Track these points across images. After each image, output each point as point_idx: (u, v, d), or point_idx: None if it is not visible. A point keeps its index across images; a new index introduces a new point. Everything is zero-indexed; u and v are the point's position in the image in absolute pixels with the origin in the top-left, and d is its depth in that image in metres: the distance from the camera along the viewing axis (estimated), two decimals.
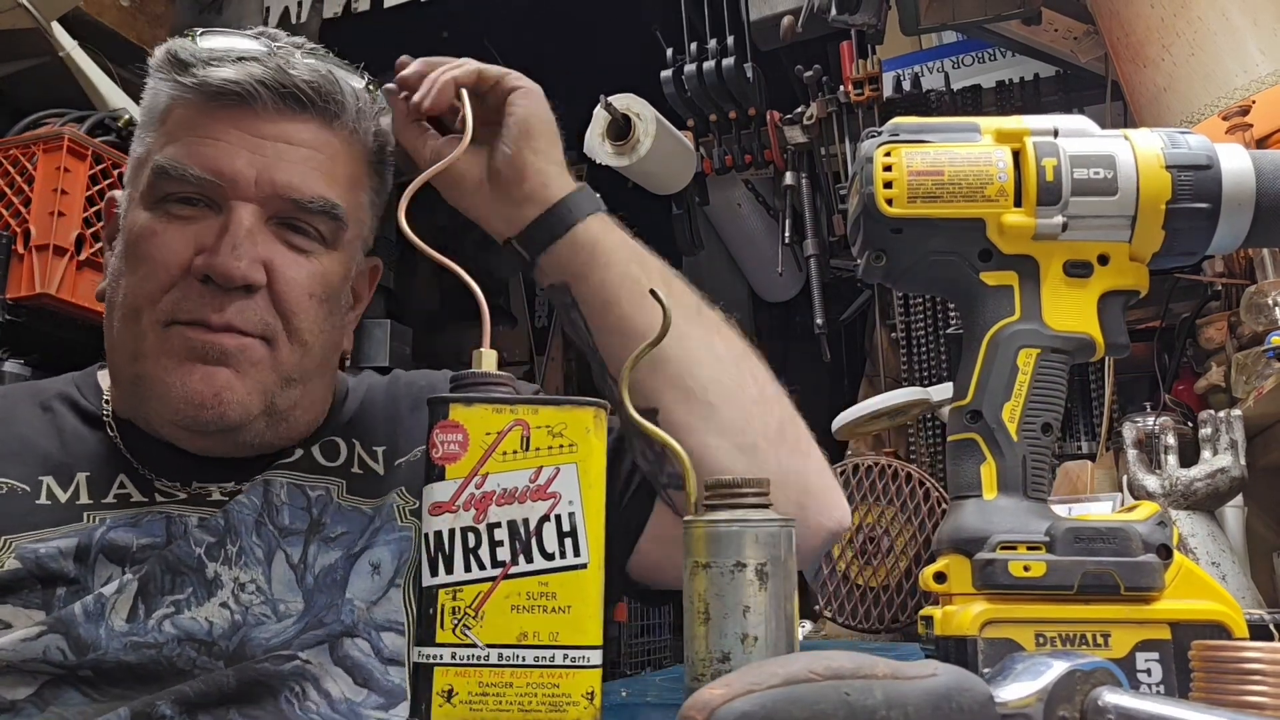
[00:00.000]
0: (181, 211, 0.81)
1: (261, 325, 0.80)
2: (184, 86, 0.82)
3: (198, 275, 0.79)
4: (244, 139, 0.81)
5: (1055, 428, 0.55)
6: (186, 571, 0.76)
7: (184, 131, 0.82)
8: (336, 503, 0.85)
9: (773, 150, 2.44)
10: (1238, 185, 0.55)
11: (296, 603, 0.78)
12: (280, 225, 0.82)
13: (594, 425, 0.46)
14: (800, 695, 0.34)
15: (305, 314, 0.83)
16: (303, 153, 0.82)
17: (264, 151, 0.81)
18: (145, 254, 0.80)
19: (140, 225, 0.81)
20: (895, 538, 1.96)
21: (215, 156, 0.80)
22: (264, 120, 0.81)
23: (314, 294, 0.83)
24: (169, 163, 0.80)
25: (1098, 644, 0.51)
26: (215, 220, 0.80)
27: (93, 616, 0.73)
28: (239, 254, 0.78)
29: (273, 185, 0.80)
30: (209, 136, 0.81)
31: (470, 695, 0.44)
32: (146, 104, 0.86)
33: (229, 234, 0.79)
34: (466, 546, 0.45)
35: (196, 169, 0.79)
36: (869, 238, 0.56)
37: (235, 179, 0.80)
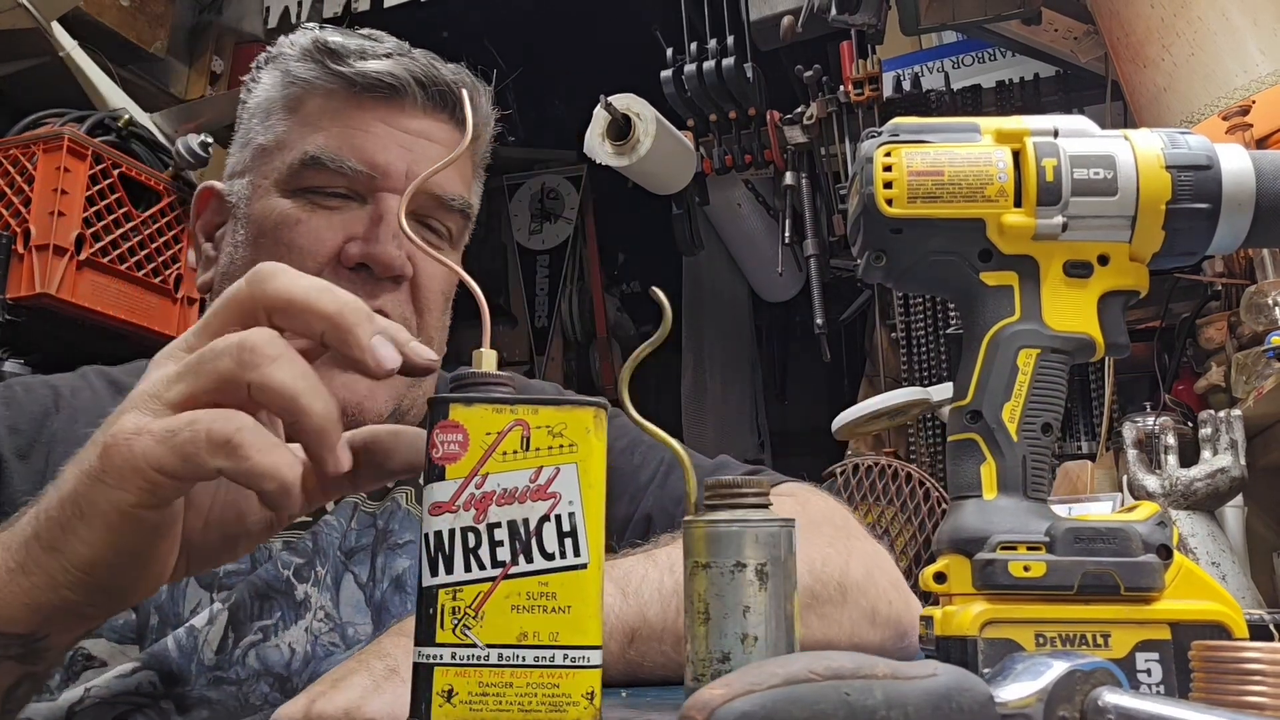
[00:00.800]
0: (328, 202, 0.80)
1: (402, 319, 0.80)
2: (333, 75, 0.81)
3: (349, 263, 0.78)
4: (392, 133, 0.81)
5: (1055, 428, 0.55)
6: (275, 595, 0.75)
7: (330, 122, 0.81)
8: (405, 509, 0.83)
9: (773, 150, 2.44)
10: (1238, 185, 0.55)
11: (365, 625, 0.77)
12: (418, 222, 0.83)
13: (594, 425, 0.46)
14: (800, 695, 0.34)
15: (435, 311, 0.83)
16: (443, 150, 0.83)
17: (411, 147, 0.81)
18: (288, 241, 0.79)
19: (280, 212, 0.80)
20: (895, 538, 1.96)
21: (370, 149, 0.80)
22: (409, 116, 0.82)
23: (444, 292, 0.84)
24: (324, 154, 0.79)
25: (1098, 644, 0.51)
26: (361, 211, 0.80)
27: (186, 651, 0.71)
28: (399, 242, 0.78)
29: None
30: (359, 128, 0.81)
31: (470, 695, 0.44)
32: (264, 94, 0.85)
33: (385, 223, 0.78)
34: (466, 546, 0.45)
35: (354, 161, 0.79)
36: (869, 238, 0.56)
37: (388, 171, 0.80)
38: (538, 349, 3.70)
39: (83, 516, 0.47)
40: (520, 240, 3.77)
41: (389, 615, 0.77)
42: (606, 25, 2.97)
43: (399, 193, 0.79)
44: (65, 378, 0.87)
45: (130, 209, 2.06)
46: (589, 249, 3.75)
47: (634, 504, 0.88)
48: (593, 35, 3.05)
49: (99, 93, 2.22)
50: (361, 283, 0.78)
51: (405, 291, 0.81)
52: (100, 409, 0.83)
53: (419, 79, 0.81)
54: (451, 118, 0.84)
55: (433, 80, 0.82)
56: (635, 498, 0.89)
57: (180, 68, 2.62)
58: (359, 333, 0.47)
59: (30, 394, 0.83)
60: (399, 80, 0.81)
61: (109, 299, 2.00)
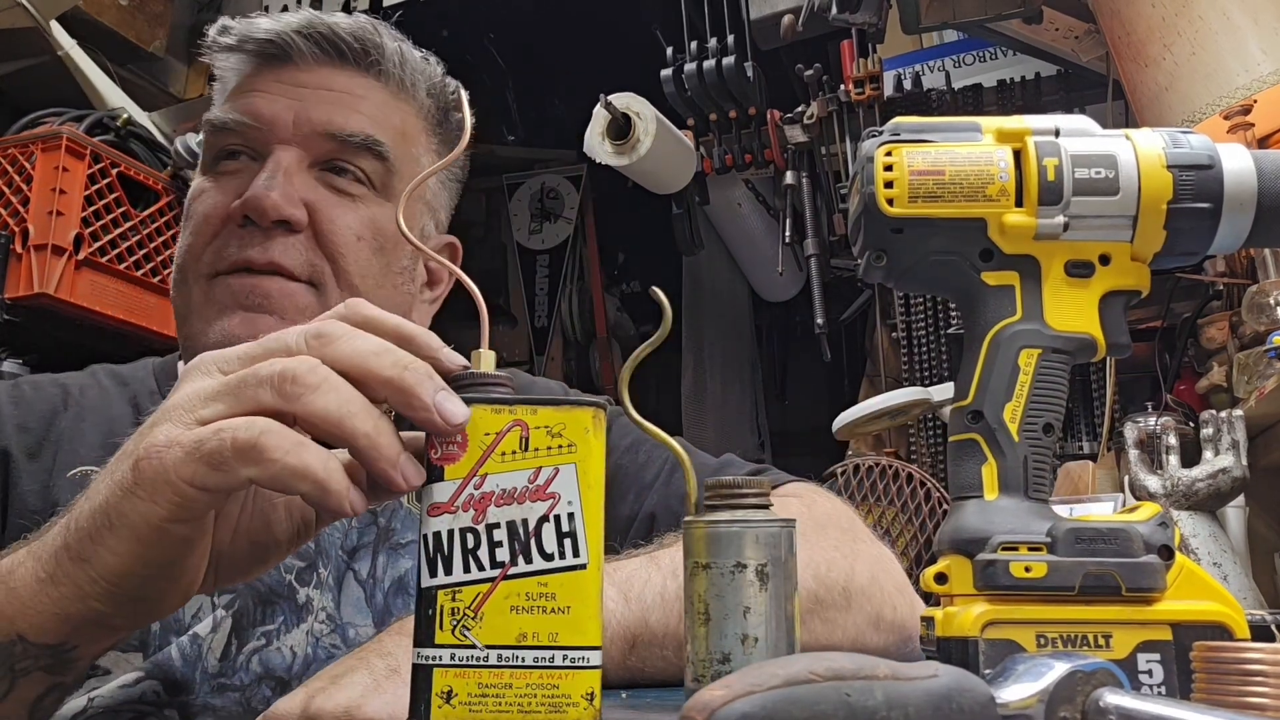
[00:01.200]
0: (228, 167, 0.81)
1: (308, 267, 0.78)
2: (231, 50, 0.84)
3: (236, 218, 0.78)
4: (284, 89, 0.82)
5: (1057, 428, 0.54)
6: (278, 599, 0.74)
7: (235, 92, 0.84)
8: (406, 509, 0.82)
9: (773, 149, 2.44)
10: (1239, 185, 0.54)
11: (367, 626, 0.76)
12: (324, 170, 0.81)
13: (593, 425, 0.46)
14: (801, 696, 0.34)
15: (354, 256, 0.80)
16: (344, 96, 0.82)
17: (302, 97, 0.81)
18: (193, 213, 0.81)
19: (196, 190, 0.82)
20: (896, 538, 1.96)
21: (255, 104, 0.81)
22: (304, 70, 0.82)
23: (363, 237, 0.81)
24: (214, 116, 0.82)
25: (1099, 645, 0.51)
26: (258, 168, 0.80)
27: (190, 660, 0.71)
28: (270, 185, 0.77)
29: (310, 124, 0.80)
30: (252, 90, 0.82)
31: (469, 696, 0.44)
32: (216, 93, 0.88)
33: (265, 170, 0.79)
34: (465, 547, 0.44)
35: (238, 115, 0.80)
36: (869, 237, 0.56)
37: (274, 120, 0.80)
38: (538, 349, 3.70)
39: (112, 528, 0.47)
40: (520, 240, 3.77)
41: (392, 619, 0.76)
42: (606, 24, 2.97)
43: (288, 143, 0.80)
44: (74, 376, 0.87)
45: (129, 208, 2.06)
46: (589, 249, 3.74)
47: (638, 502, 0.88)
48: (592, 34, 3.04)
49: (98, 92, 2.21)
50: (250, 236, 0.77)
51: (307, 239, 0.79)
52: (108, 408, 0.83)
53: (300, 33, 0.82)
54: (358, 67, 0.84)
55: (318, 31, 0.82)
56: (640, 496, 0.88)
57: (179, 67, 2.61)
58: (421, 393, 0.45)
59: (39, 392, 0.83)
60: (280, 37, 0.82)
61: (108, 299, 2.00)
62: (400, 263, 0.84)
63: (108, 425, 0.81)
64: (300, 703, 0.53)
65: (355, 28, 0.84)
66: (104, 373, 0.88)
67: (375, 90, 0.84)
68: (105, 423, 0.82)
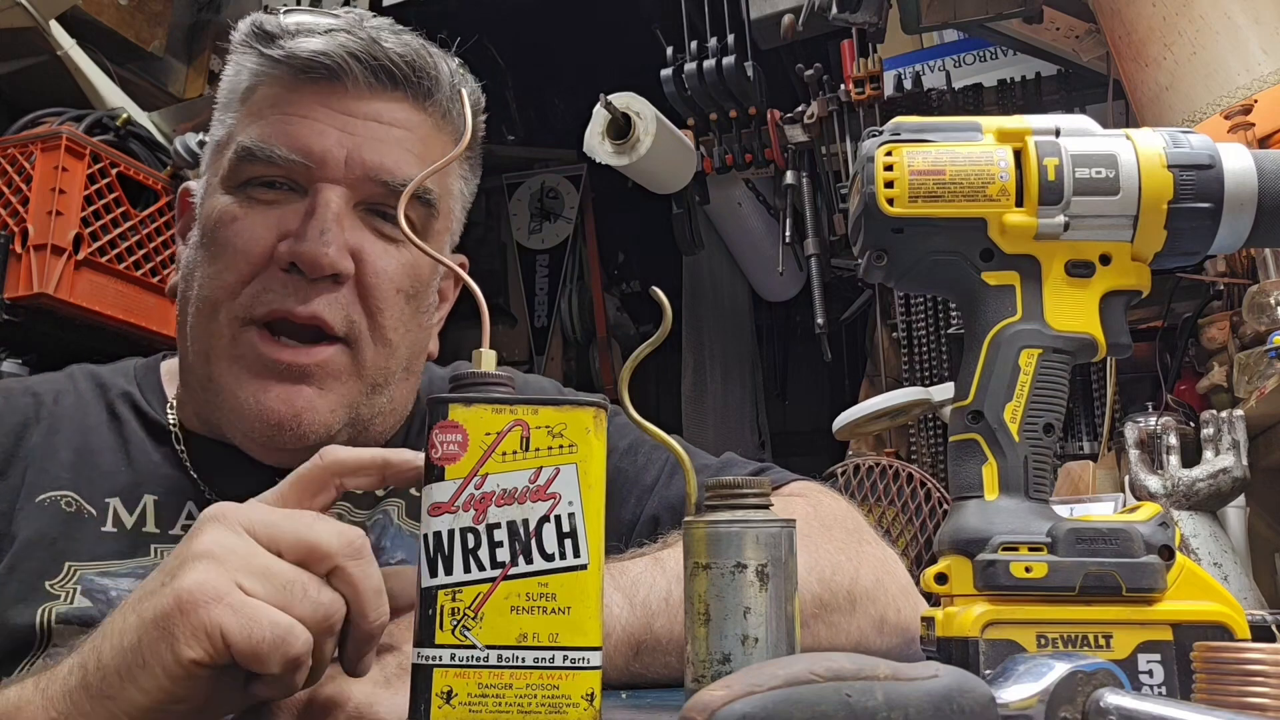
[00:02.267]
0: (264, 195, 0.75)
1: (346, 323, 0.74)
2: (270, 60, 0.76)
3: (282, 263, 0.73)
4: (333, 117, 0.75)
5: (1057, 428, 0.54)
6: None
7: (269, 110, 0.76)
8: (397, 525, 0.80)
9: (773, 149, 2.44)
10: (1240, 185, 0.54)
11: None
12: (368, 212, 0.76)
13: (594, 426, 0.46)
14: (801, 696, 0.34)
15: (392, 310, 0.77)
16: (395, 133, 0.76)
17: (354, 130, 0.75)
18: (225, 241, 0.75)
19: (219, 210, 0.76)
20: (896, 538, 1.96)
21: (304, 135, 0.74)
22: (354, 98, 0.76)
23: (402, 289, 0.77)
24: (254, 144, 0.74)
25: (1099, 645, 0.51)
26: (300, 204, 0.75)
27: None
28: (327, 239, 0.72)
29: (363, 166, 0.75)
30: (296, 114, 0.75)
31: (469, 696, 0.43)
32: (227, 84, 0.81)
33: (316, 217, 0.73)
34: (466, 547, 0.44)
35: (284, 149, 0.74)
36: (870, 237, 0.56)
37: (324, 159, 0.74)
38: (537, 349, 3.70)
39: (145, 666, 0.48)
40: (520, 240, 3.77)
41: None
42: (606, 24, 2.97)
43: (338, 182, 0.74)
44: (50, 380, 0.84)
45: (128, 208, 2.05)
46: (589, 248, 3.74)
47: (640, 506, 0.87)
48: (592, 34, 3.04)
49: (97, 92, 2.21)
50: (295, 285, 0.73)
51: (349, 291, 0.75)
52: (84, 417, 0.80)
53: (357, 55, 0.75)
54: (408, 96, 0.78)
55: (372, 55, 0.75)
56: (641, 499, 0.87)
57: (179, 66, 2.61)
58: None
59: (10, 404, 0.80)
60: (334, 59, 0.75)
61: (107, 299, 2.00)
62: (426, 301, 0.82)
63: (82, 436, 0.79)
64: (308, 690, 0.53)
65: (410, 55, 0.77)
66: (82, 375, 0.85)
67: (423, 124, 0.78)
68: (80, 434, 0.79)
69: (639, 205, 2.90)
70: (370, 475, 0.55)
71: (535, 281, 3.76)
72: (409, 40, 0.78)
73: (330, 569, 0.51)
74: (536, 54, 3.31)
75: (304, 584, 0.50)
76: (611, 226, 3.81)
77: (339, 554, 0.51)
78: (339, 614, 0.51)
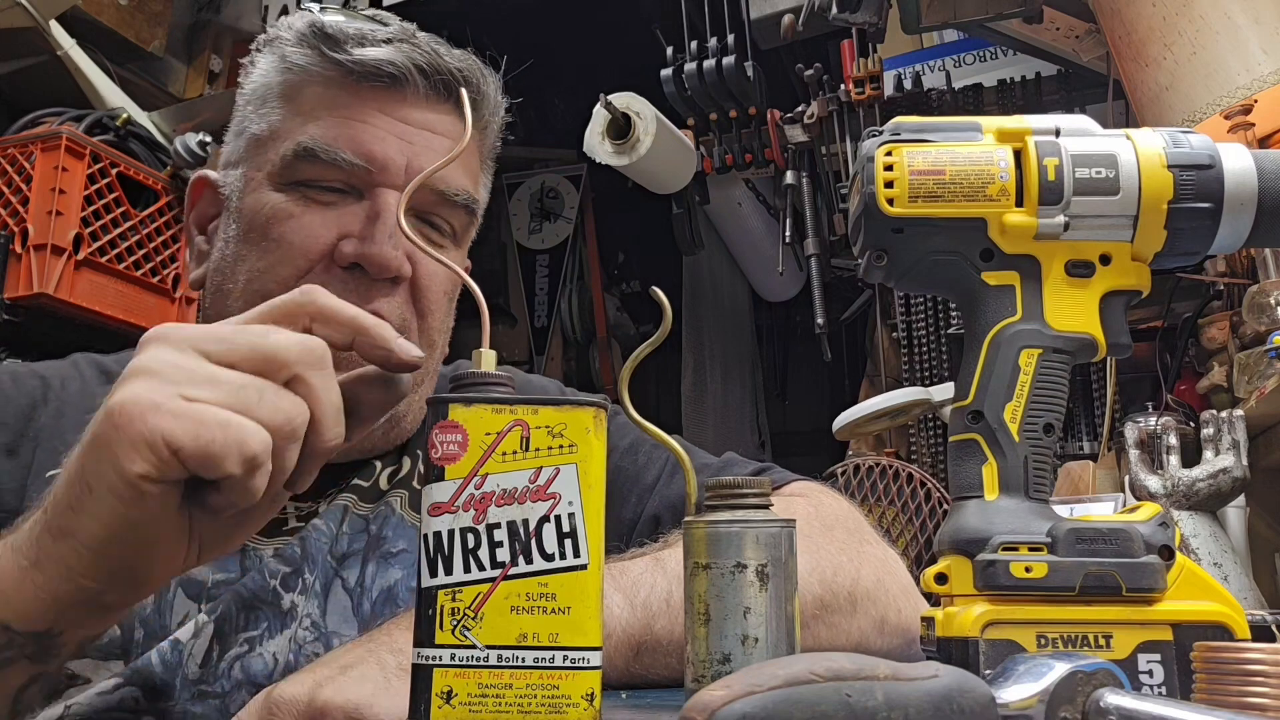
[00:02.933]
0: (321, 196, 0.76)
1: (401, 321, 0.76)
2: (331, 62, 0.77)
3: (343, 262, 0.74)
4: (392, 124, 0.77)
5: (1057, 428, 0.54)
6: (261, 605, 0.72)
7: (326, 111, 0.77)
8: (399, 515, 0.80)
9: (773, 149, 2.44)
10: (1240, 185, 0.54)
11: (352, 636, 0.73)
12: (419, 219, 0.79)
13: (594, 426, 0.46)
14: (801, 696, 0.34)
15: (438, 312, 0.79)
16: (448, 143, 0.79)
17: (411, 139, 0.77)
18: (279, 236, 0.75)
19: (272, 206, 0.76)
20: (896, 538, 1.96)
21: (367, 141, 0.76)
22: (411, 106, 0.78)
23: (447, 292, 0.80)
24: (317, 144, 0.75)
25: (1099, 645, 0.51)
26: (358, 206, 0.76)
27: (170, 666, 0.69)
28: (396, 242, 0.74)
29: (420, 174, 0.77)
30: (357, 119, 0.76)
31: (469, 697, 0.43)
32: (261, 78, 0.81)
33: (382, 221, 0.74)
34: (466, 547, 0.44)
35: (349, 153, 0.75)
36: (870, 237, 0.56)
37: (386, 165, 0.76)
38: (537, 349, 3.70)
39: (91, 491, 0.47)
40: (520, 239, 3.77)
41: None
42: (606, 24, 2.97)
43: (398, 188, 0.76)
44: (55, 366, 0.84)
45: (129, 208, 2.05)
46: (589, 248, 3.74)
47: (640, 505, 0.87)
48: (592, 34, 3.04)
49: (97, 92, 2.21)
50: (355, 283, 0.74)
51: (404, 293, 0.77)
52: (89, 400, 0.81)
53: (421, 67, 0.77)
54: (456, 107, 0.80)
55: (435, 69, 0.78)
56: (641, 499, 0.87)
57: (179, 66, 2.61)
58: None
59: (18, 385, 0.81)
60: (399, 69, 0.76)
61: (107, 299, 2.00)
62: (454, 301, 0.84)
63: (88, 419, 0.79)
64: (308, 690, 0.52)
65: (467, 70, 0.80)
66: (86, 362, 0.86)
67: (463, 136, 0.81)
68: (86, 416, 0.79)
69: (639, 205, 2.90)
70: (341, 332, 0.53)
71: (535, 281, 3.76)
72: (461, 55, 0.81)
73: (289, 378, 0.49)
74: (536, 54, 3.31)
75: (259, 388, 0.48)
76: (611, 226, 3.81)
77: (298, 362, 0.49)
78: (302, 419, 0.49)
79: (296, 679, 0.54)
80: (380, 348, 0.53)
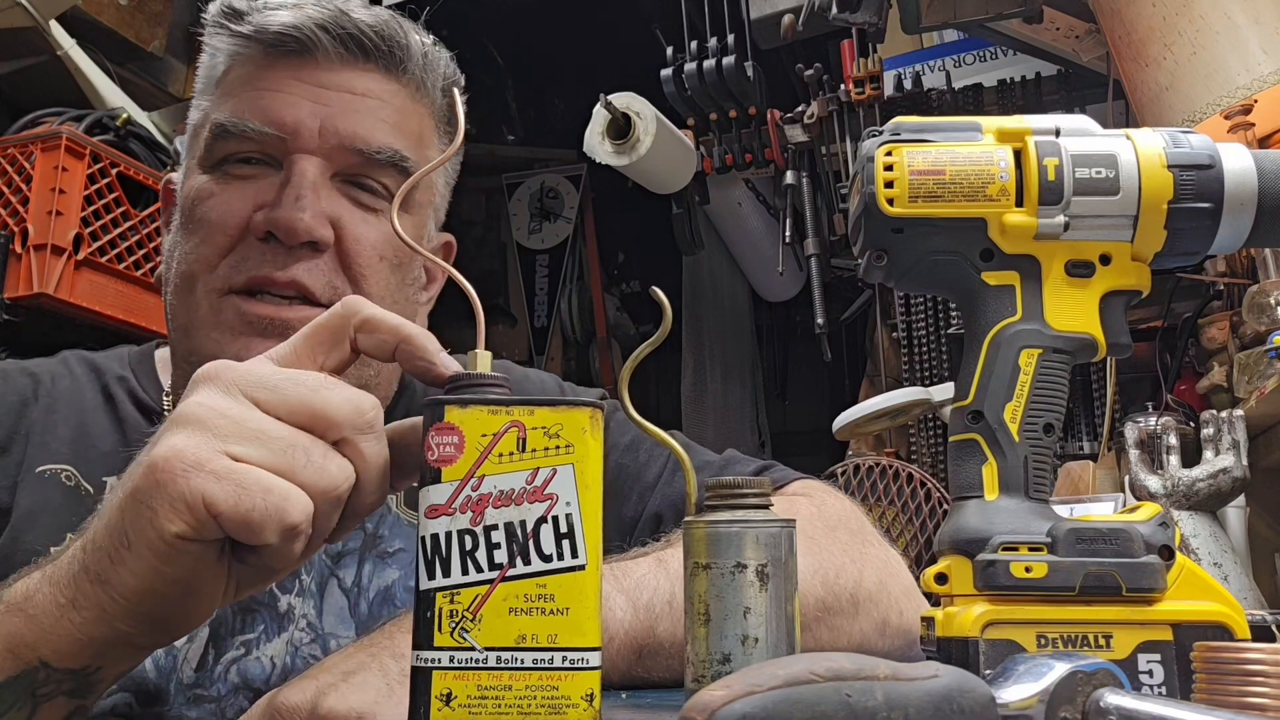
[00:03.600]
0: (240, 171, 0.75)
1: (329, 288, 0.74)
2: (240, 38, 0.77)
3: (258, 233, 0.73)
4: (305, 89, 0.75)
5: (1057, 428, 0.54)
6: (259, 608, 0.72)
7: (242, 87, 0.76)
8: (395, 514, 0.79)
9: (773, 149, 2.44)
10: (1240, 185, 0.54)
11: (349, 638, 0.73)
12: (346, 183, 0.77)
13: (590, 426, 0.46)
14: (801, 696, 0.34)
15: (376, 278, 0.76)
16: (368, 103, 0.77)
17: (327, 101, 0.75)
18: (201, 216, 0.75)
19: (196, 189, 0.76)
20: (896, 538, 1.96)
21: (275, 108, 0.75)
22: (325, 69, 0.76)
23: (385, 257, 0.77)
24: (227, 119, 0.75)
25: (1099, 645, 0.51)
26: (276, 176, 0.75)
27: (164, 671, 0.68)
28: (302, 205, 0.72)
29: (337, 135, 0.75)
30: (268, 89, 0.75)
31: (468, 698, 0.43)
32: (203, 70, 0.81)
33: (291, 185, 0.73)
34: (463, 549, 0.44)
35: (256, 122, 0.74)
36: (870, 237, 0.56)
37: (297, 129, 0.74)
38: (537, 349, 3.70)
39: (130, 547, 0.46)
40: (520, 240, 3.77)
41: None
42: (606, 24, 2.97)
43: (312, 152, 0.74)
44: (45, 364, 0.84)
45: (129, 208, 2.05)
46: (589, 248, 3.74)
47: (642, 503, 0.86)
48: (592, 34, 3.04)
49: (97, 92, 2.21)
50: (272, 253, 0.72)
51: (330, 260, 0.74)
52: (80, 397, 0.81)
53: (326, 27, 0.75)
54: (380, 67, 0.78)
55: (341, 26, 0.76)
56: (643, 496, 0.87)
57: (179, 67, 2.61)
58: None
59: (8, 383, 0.80)
60: (301, 31, 0.75)
61: (107, 299, 2.00)
62: (412, 273, 0.82)
63: (79, 416, 0.79)
64: (310, 698, 0.52)
65: (381, 25, 0.77)
66: (76, 359, 0.85)
67: (397, 94, 0.79)
68: (77, 413, 0.79)
69: (639, 205, 2.90)
70: (385, 340, 0.50)
71: (535, 281, 3.76)
72: (378, 11, 0.79)
73: (337, 440, 0.47)
74: (536, 54, 3.31)
75: (307, 449, 0.46)
76: (611, 226, 3.81)
77: (347, 424, 0.47)
78: (347, 484, 0.47)
79: (298, 685, 0.53)
80: (422, 359, 0.50)
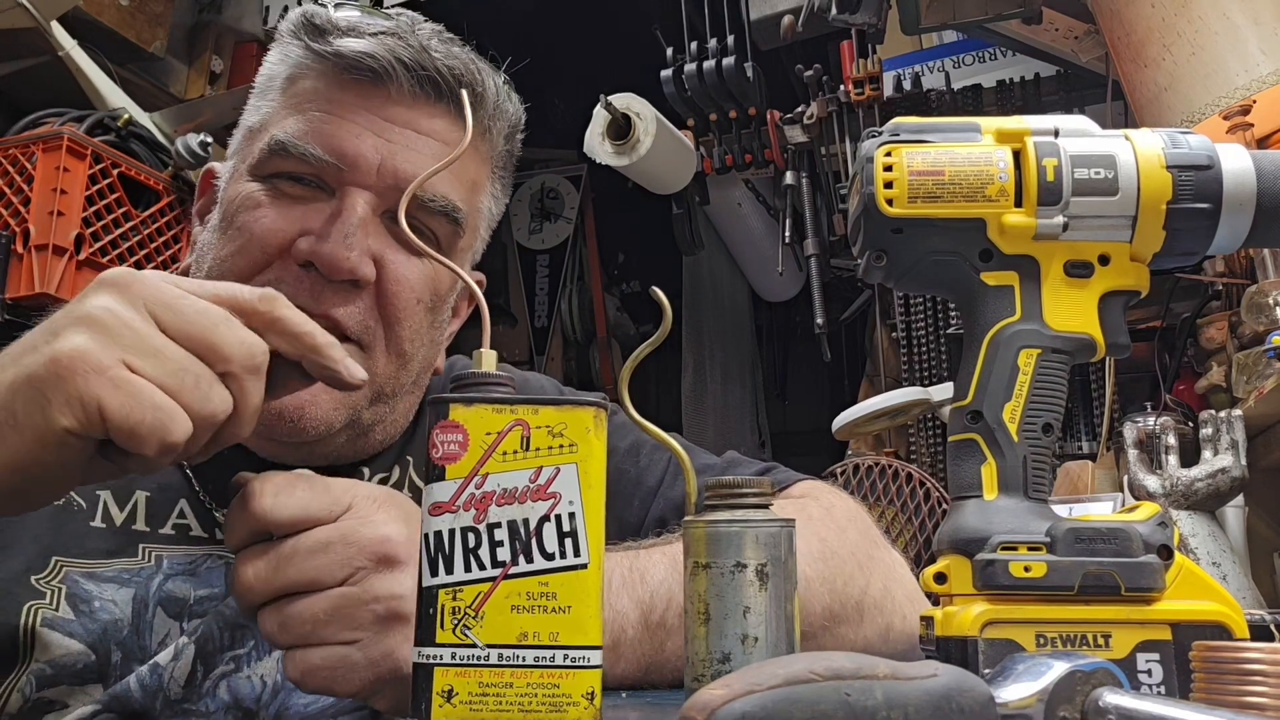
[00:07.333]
0: (291, 190, 0.74)
1: (363, 328, 0.72)
2: (315, 55, 0.75)
3: (299, 259, 0.71)
4: (371, 120, 0.74)
5: (1056, 428, 0.54)
6: (248, 626, 0.70)
7: (308, 104, 0.75)
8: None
9: (773, 150, 2.44)
10: (1238, 185, 0.54)
11: None
12: (394, 221, 0.74)
13: (594, 425, 0.46)
14: (801, 696, 0.34)
15: (410, 321, 0.75)
16: (432, 144, 0.75)
17: (390, 137, 0.74)
18: (243, 226, 0.73)
19: (243, 196, 0.74)
20: (896, 538, 1.96)
21: (339, 136, 0.73)
22: (395, 103, 0.74)
23: (422, 300, 0.76)
24: (290, 140, 0.73)
25: (1098, 645, 0.51)
26: (326, 204, 0.73)
27: (149, 690, 0.67)
28: (350, 243, 0.70)
29: (395, 175, 0.73)
30: (334, 114, 0.74)
31: (470, 695, 0.44)
32: (267, 70, 0.80)
33: (341, 220, 0.71)
34: (466, 547, 0.44)
35: (318, 149, 0.72)
36: (869, 238, 0.56)
37: (356, 162, 0.73)
38: (538, 349, 3.70)
39: (15, 427, 0.48)
40: (520, 240, 3.77)
41: None
42: (606, 24, 2.97)
43: (369, 188, 0.73)
44: None
45: (130, 209, 2.06)
46: (589, 249, 3.75)
47: (644, 508, 0.86)
48: (592, 34, 3.05)
49: (98, 92, 2.21)
50: (310, 283, 0.71)
51: (368, 298, 0.73)
52: None
53: (405, 63, 0.74)
54: (449, 109, 0.77)
55: (421, 65, 0.74)
56: (645, 502, 0.86)
57: (180, 67, 2.61)
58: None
59: None
60: (380, 63, 0.73)
61: None
62: (443, 315, 0.81)
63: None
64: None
65: (460, 68, 0.76)
66: None
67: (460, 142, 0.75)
68: None
69: (639, 205, 2.90)
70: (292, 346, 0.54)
71: (535, 281, 3.76)
72: (458, 53, 0.77)
73: (224, 373, 0.50)
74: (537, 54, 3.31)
75: (197, 375, 0.49)
76: (611, 226, 3.81)
77: (236, 361, 0.50)
78: (225, 414, 0.50)
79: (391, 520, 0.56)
80: (328, 368, 0.54)
